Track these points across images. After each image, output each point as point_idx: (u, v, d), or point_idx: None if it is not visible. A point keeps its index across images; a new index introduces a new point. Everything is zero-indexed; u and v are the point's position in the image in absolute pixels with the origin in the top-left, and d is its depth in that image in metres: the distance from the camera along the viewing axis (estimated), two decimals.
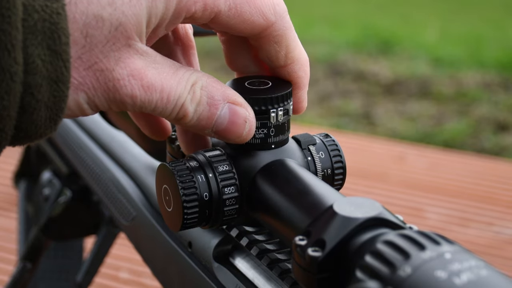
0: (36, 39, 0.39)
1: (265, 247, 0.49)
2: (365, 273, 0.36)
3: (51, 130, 0.41)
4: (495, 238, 1.42)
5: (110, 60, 0.42)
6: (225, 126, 0.45)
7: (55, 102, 0.40)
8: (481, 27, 3.78)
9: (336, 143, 0.49)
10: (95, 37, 0.41)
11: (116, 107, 0.43)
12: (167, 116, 0.45)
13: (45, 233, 0.86)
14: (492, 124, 2.67)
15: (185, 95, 0.44)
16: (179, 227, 0.47)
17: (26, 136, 0.41)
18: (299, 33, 0.49)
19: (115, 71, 0.42)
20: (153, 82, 0.43)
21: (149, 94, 0.43)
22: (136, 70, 0.43)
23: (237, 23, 0.45)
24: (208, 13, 0.44)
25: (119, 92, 0.42)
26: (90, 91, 0.42)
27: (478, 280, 0.34)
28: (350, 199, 0.41)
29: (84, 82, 0.42)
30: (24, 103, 0.40)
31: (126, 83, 0.42)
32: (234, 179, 0.47)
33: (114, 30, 0.41)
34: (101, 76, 0.42)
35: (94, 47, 0.41)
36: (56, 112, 0.41)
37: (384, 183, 1.63)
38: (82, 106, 0.42)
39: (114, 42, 0.41)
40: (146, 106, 0.44)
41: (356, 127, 2.68)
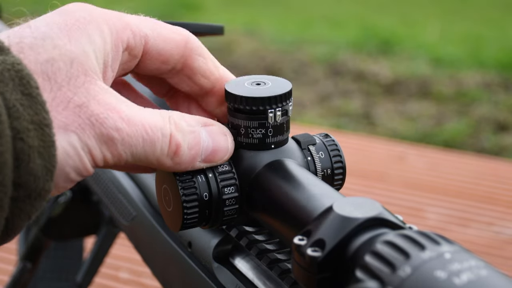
0: (8, 86, 0.39)
1: (265, 247, 0.49)
2: (365, 273, 0.36)
3: (48, 186, 0.40)
4: (495, 238, 1.42)
5: (82, 96, 0.42)
6: (212, 148, 0.46)
7: (45, 148, 0.40)
8: (481, 27, 3.78)
9: (336, 143, 0.49)
10: (57, 78, 0.42)
11: (108, 150, 0.43)
12: (159, 154, 0.44)
13: (45, 233, 0.86)
14: (492, 124, 2.67)
15: (167, 126, 0.44)
16: (179, 227, 0.47)
17: (26, 194, 0.40)
18: (299, 33, 0.49)
19: (91, 105, 0.42)
20: (131, 115, 0.43)
21: (132, 127, 0.43)
22: (109, 105, 0.43)
23: (164, 45, 0.47)
24: (138, 39, 0.46)
25: (104, 125, 0.42)
26: (79, 131, 0.42)
27: (478, 280, 0.34)
28: (350, 199, 0.41)
29: (68, 121, 0.41)
30: (17, 151, 0.39)
31: (106, 115, 0.42)
32: (234, 179, 0.47)
33: (70, 67, 0.42)
34: (81, 112, 0.42)
35: (61, 87, 0.42)
36: (49, 161, 0.40)
37: (384, 183, 1.63)
38: (78, 152, 0.42)
39: (75, 78, 0.42)
40: (134, 142, 0.43)
41: (356, 127, 2.68)
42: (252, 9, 4.16)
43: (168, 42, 0.47)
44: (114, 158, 0.43)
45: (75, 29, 0.43)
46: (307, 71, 3.17)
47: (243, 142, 0.47)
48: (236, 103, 0.47)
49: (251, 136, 0.47)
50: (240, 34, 3.50)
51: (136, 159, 0.44)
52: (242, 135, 0.47)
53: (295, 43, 3.43)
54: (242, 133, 0.47)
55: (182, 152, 0.45)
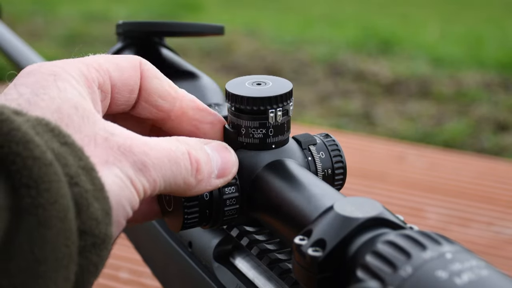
0: (44, 137, 0.39)
1: (265, 247, 0.49)
2: (366, 273, 0.36)
3: (110, 230, 0.40)
4: (495, 238, 1.42)
5: (102, 132, 0.42)
6: (221, 162, 0.46)
7: (97, 191, 0.39)
8: (481, 27, 3.78)
9: (336, 143, 0.49)
10: (73, 122, 0.42)
11: (143, 176, 0.42)
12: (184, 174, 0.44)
13: None
14: (492, 124, 2.67)
15: (180, 145, 0.44)
16: (179, 227, 0.47)
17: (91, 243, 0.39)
18: (299, 33, 0.49)
19: (114, 136, 0.42)
20: (147, 141, 0.43)
21: (155, 151, 0.43)
22: (125, 134, 0.43)
23: (123, 76, 0.47)
24: (103, 74, 0.46)
25: (133, 152, 0.42)
26: (117, 162, 0.42)
27: (479, 280, 0.34)
28: (350, 199, 0.41)
29: (105, 156, 0.42)
30: (76, 196, 0.38)
31: (130, 142, 0.42)
32: (235, 179, 0.47)
33: (76, 110, 0.42)
34: (109, 145, 0.42)
35: (81, 129, 0.42)
36: (104, 203, 0.40)
37: (384, 183, 1.63)
38: (126, 183, 0.42)
39: (87, 118, 0.42)
40: (162, 165, 0.43)
41: (356, 127, 2.68)
42: (252, 9, 4.16)
43: (126, 69, 0.47)
44: (151, 186, 0.43)
45: (53, 80, 0.43)
46: (307, 71, 3.17)
47: (244, 142, 0.47)
48: (237, 103, 0.47)
49: (252, 136, 0.47)
50: (240, 34, 3.50)
51: (167, 184, 0.44)
52: (243, 135, 0.47)
53: (295, 43, 3.43)
54: (243, 133, 0.47)
55: (202, 168, 0.45)
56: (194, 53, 3.18)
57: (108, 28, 3.54)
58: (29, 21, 3.78)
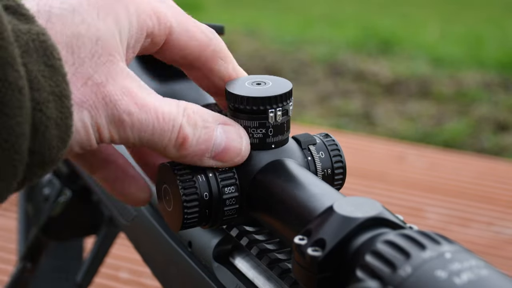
0: (32, 57, 0.40)
1: (265, 247, 0.49)
2: (365, 273, 0.36)
3: (61, 154, 0.41)
4: (495, 238, 1.42)
5: (101, 75, 0.43)
6: (224, 146, 0.46)
7: (62, 119, 0.41)
8: (481, 27, 3.78)
9: (336, 143, 0.49)
10: (81, 53, 0.42)
11: (116, 130, 0.43)
12: (166, 143, 0.45)
13: (45, 233, 0.86)
14: (492, 124, 2.67)
15: (180, 117, 0.45)
16: (179, 227, 0.47)
17: (40, 161, 0.41)
18: (299, 33, 0.49)
19: (108, 85, 0.43)
20: (146, 102, 0.44)
21: (144, 112, 0.43)
22: (126, 87, 0.43)
23: (187, 40, 0.47)
24: (163, 28, 0.46)
25: (116, 107, 0.43)
26: (92, 108, 0.42)
27: (479, 280, 0.34)
28: (350, 199, 0.41)
29: (84, 98, 0.42)
30: (35, 120, 0.40)
31: (120, 97, 0.43)
32: (234, 179, 0.47)
33: (95, 44, 0.42)
34: (98, 91, 0.42)
35: (83, 63, 0.42)
36: (65, 131, 0.41)
37: (384, 183, 1.63)
38: (87, 129, 0.43)
39: (98, 56, 0.43)
40: (144, 128, 0.44)
41: (356, 127, 2.68)
42: (252, 9, 4.16)
43: (191, 39, 0.47)
44: (122, 139, 0.44)
45: (104, 6, 0.44)
46: (307, 71, 3.17)
47: None
48: (236, 103, 0.47)
49: (252, 136, 0.47)
50: (240, 34, 3.50)
51: (143, 144, 0.45)
52: None
53: (295, 43, 3.43)
54: None
55: (188, 145, 0.45)
56: None
57: None
58: None
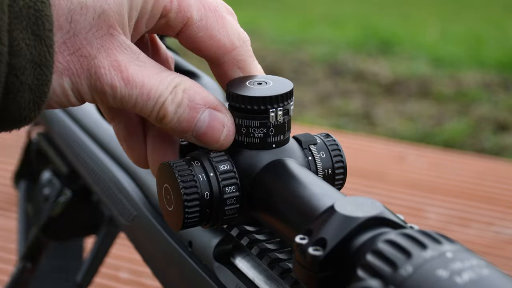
0: (21, 24, 0.41)
1: (265, 246, 0.49)
2: (366, 272, 0.36)
3: (35, 114, 0.43)
4: (495, 238, 1.42)
5: (93, 47, 0.43)
6: (204, 130, 0.46)
7: (38, 86, 0.42)
8: (481, 27, 3.78)
9: (337, 143, 0.49)
10: (79, 23, 0.43)
11: (98, 97, 0.45)
12: (148, 115, 0.46)
13: (45, 233, 0.86)
14: (492, 124, 2.67)
15: (166, 94, 0.45)
16: (179, 227, 0.47)
17: (10, 117, 0.42)
18: (299, 33, 0.49)
19: (97, 58, 0.43)
20: (134, 77, 0.44)
21: (129, 88, 0.44)
22: (117, 62, 0.44)
23: (204, 38, 0.47)
24: (181, 16, 0.46)
25: (100, 80, 0.44)
26: (74, 76, 0.43)
27: (480, 279, 0.34)
28: (351, 199, 0.41)
29: (68, 67, 0.43)
30: (9, 84, 0.41)
31: (107, 72, 0.44)
32: (235, 179, 0.47)
33: (97, 17, 0.43)
34: (84, 62, 0.43)
35: (78, 33, 0.43)
36: (39, 96, 0.42)
37: (384, 183, 1.63)
38: (67, 92, 0.44)
39: (97, 29, 0.43)
40: (127, 100, 0.45)
41: (356, 127, 2.68)
42: (252, 9, 4.16)
43: (210, 39, 0.47)
44: (103, 104, 0.46)
45: None
46: (307, 71, 3.17)
47: (244, 142, 0.47)
48: (237, 102, 0.47)
49: (252, 135, 0.47)
50: None
51: (124, 108, 0.46)
52: (244, 134, 0.47)
53: (295, 43, 3.43)
54: (243, 133, 0.47)
55: (168, 121, 0.46)
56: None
57: None
58: None
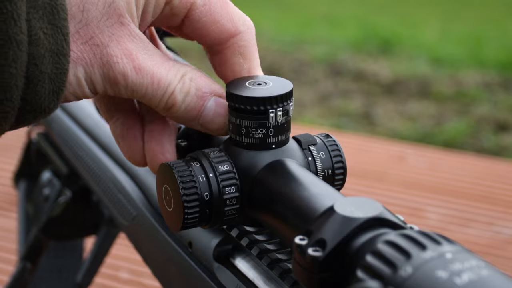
0: (38, 13, 0.41)
1: (265, 247, 0.49)
2: (366, 273, 0.36)
3: (54, 105, 0.43)
4: (495, 238, 1.42)
5: (105, 36, 0.44)
6: (211, 118, 0.48)
7: (57, 74, 0.43)
8: (481, 27, 3.78)
9: (336, 143, 0.49)
10: (91, 12, 0.44)
11: (110, 87, 0.45)
12: (157, 104, 0.47)
13: (45, 233, 0.86)
14: (492, 124, 2.67)
15: (175, 83, 0.46)
16: (179, 227, 0.47)
17: (31, 109, 0.43)
18: (299, 33, 0.49)
19: (109, 47, 0.44)
20: (144, 66, 0.45)
21: (140, 76, 0.45)
22: (127, 50, 0.45)
23: (208, 23, 0.47)
24: (184, 2, 0.47)
25: (113, 68, 0.44)
26: (88, 66, 0.44)
27: (479, 280, 0.34)
28: (350, 199, 0.41)
29: (82, 56, 0.44)
30: (29, 74, 0.42)
31: (119, 60, 0.45)
32: (235, 179, 0.47)
33: (108, 6, 0.44)
34: (97, 51, 0.44)
35: (90, 22, 0.44)
36: (58, 85, 0.43)
37: (384, 183, 1.63)
38: (81, 82, 0.44)
39: (108, 17, 0.44)
40: (138, 89, 0.45)
41: (356, 127, 2.68)
42: (252, 9, 4.16)
43: (214, 23, 0.48)
44: (115, 94, 0.46)
45: None
46: (307, 71, 3.17)
47: (244, 142, 0.47)
48: (237, 103, 0.47)
49: (252, 136, 0.47)
50: None
51: (135, 98, 0.47)
52: (243, 135, 0.47)
53: (295, 43, 3.42)
54: (243, 133, 0.47)
55: (176, 110, 0.47)
56: (194, 53, 3.18)
57: None
58: None
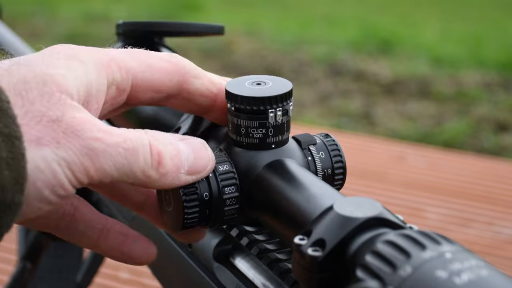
0: None
1: (265, 247, 0.49)
2: (365, 273, 0.36)
3: (18, 197, 0.39)
4: (495, 238, 1.42)
5: (56, 111, 0.41)
6: (193, 158, 0.45)
7: (14, 159, 0.39)
8: (481, 27, 3.78)
9: (336, 143, 0.49)
10: (29, 95, 0.41)
11: (89, 161, 0.41)
12: (143, 165, 0.43)
13: (45, 233, 0.86)
14: (492, 124, 2.67)
15: (145, 137, 0.43)
16: (179, 227, 0.47)
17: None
18: (299, 33, 0.49)
19: (65, 119, 0.41)
20: (108, 129, 0.42)
21: (111, 138, 0.42)
22: (84, 119, 0.42)
23: (154, 75, 0.47)
24: (125, 73, 0.45)
25: (81, 136, 0.41)
26: (52, 144, 0.40)
27: (479, 279, 0.34)
28: (350, 199, 0.41)
29: (41, 135, 0.40)
30: None
31: (83, 127, 0.41)
32: (235, 179, 0.47)
33: (43, 86, 0.41)
34: (55, 126, 0.41)
35: (33, 103, 0.41)
36: (18, 172, 0.39)
37: (384, 183, 1.63)
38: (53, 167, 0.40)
39: (49, 96, 0.41)
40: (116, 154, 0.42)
41: (356, 127, 2.68)
42: (252, 9, 4.16)
43: (158, 71, 0.47)
44: (98, 173, 0.42)
45: (57, 58, 0.43)
46: (307, 71, 3.17)
47: (244, 142, 0.47)
48: (236, 103, 0.47)
49: (252, 136, 0.47)
50: (240, 34, 3.50)
51: (121, 173, 0.42)
52: (243, 135, 0.47)
53: (295, 43, 3.43)
54: (242, 133, 0.47)
55: (165, 162, 0.44)
56: (194, 53, 3.18)
57: (108, 28, 3.54)
58: (29, 21, 3.78)
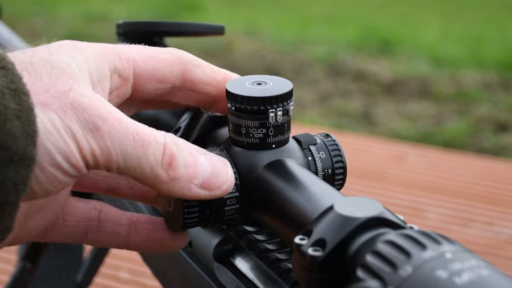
0: None
1: (265, 247, 0.49)
2: (366, 273, 0.36)
3: (30, 150, 0.38)
4: (495, 238, 1.42)
5: (64, 85, 0.40)
6: (210, 173, 0.44)
7: (22, 111, 0.38)
8: (481, 27, 3.78)
9: (336, 143, 0.49)
10: (36, 72, 0.41)
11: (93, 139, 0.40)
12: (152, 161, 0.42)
13: None
14: (492, 124, 2.68)
15: (162, 135, 0.42)
16: (179, 227, 0.47)
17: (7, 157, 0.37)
18: (299, 33, 0.49)
19: (73, 93, 0.40)
20: (119, 115, 0.41)
21: (120, 124, 0.41)
22: (94, 97, 0.41)
23: (156, 64, 0.47)
24: (125, 62, 0.46)
25: (87, 111, 0.40)
26: (59, 111, 0.39)
27: (479, 279, 0.34)
28: (351, 199, 0.41)
29: (48, 102, 0.40)
30: None
31: (90, 102, 0.40)
32: (235, 179, 0.47)
33: (51, 69, 0.41)
34: (62, 96, 0.40)
35: (41, 77, 0.40)
36: (28, 124, 0.38)
37: (384, 183, 1.63)
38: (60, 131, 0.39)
39: (57, 76, 0.41)
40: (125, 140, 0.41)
41: (356, 127, 2.68)
42: (252, 9, 4.16)
43: (159, 61, 0.47)
44: (103, 154, 0.40)
45: (59, 48, 0.43)
46: (307, 71, 3.17)
47: (244, 142, 0.47)
48: (237, 102, 0.47)
49: (252, 135, 0.47)
50: (240, 34, 3.50)
51: (128, 164, 0.41)
52: (243, 134, 0.47)
53: (295, 43, 3.43)
54: (243, 133, 0.47)
55: (177, 165, 0.42)
56: (194, 53, 3.15)
57: (108, 28, 3.54)
58: (29, 21, 3.79)
